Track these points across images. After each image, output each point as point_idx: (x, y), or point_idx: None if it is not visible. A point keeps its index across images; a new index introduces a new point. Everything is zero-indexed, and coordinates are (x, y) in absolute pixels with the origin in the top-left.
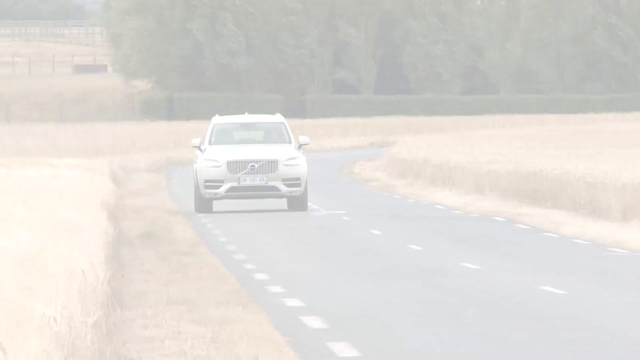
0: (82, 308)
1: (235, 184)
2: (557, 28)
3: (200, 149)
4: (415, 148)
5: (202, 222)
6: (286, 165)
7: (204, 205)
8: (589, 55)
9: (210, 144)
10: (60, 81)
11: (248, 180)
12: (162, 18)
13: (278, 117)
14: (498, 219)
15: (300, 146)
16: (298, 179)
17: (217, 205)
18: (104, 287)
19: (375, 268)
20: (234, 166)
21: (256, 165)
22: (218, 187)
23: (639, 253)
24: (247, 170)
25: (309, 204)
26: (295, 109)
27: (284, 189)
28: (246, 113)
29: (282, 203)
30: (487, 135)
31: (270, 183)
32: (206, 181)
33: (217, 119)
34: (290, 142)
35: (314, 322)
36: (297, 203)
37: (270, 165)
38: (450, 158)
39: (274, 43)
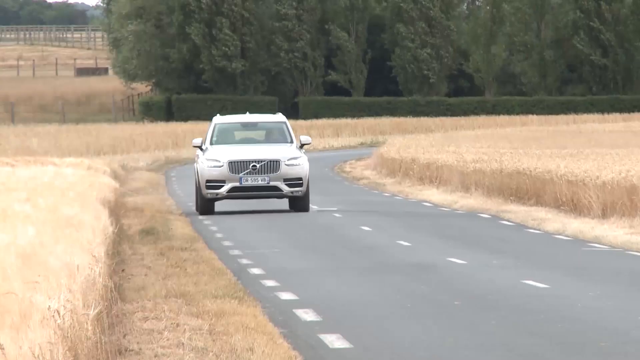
0: (84, 301)
1: (236, 184)
2: (539, 33)
3: (201, 149)
4: (404, 148)
5: (200, 219)
6: (288, 165)
7: (205, 206)
8: (571, 59)
9: (211, 143)
10: (63, 83)
11: (250, 181)
12: (161, 23)
13: (279, 117)
14: (483, 215)
15: (301, 146)
16: (300, 179)
17: (218, 206)
18: (105, 281)
19: (366, 263)
20: (236, 166)
21: (258, 165)
22: (220, 187)
23: (618, 248)
24: (248, 170)
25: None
26: (289, 110)
27: (285, 189)
28: (247, 112)
29: (284, 204)
30: (473, 136)
31: (272, 183)
32: (208, 181)
33: (218, 119)
34: (292, 141)
35: (307, 315)
36: (299, 203)
37: (272, 165)
38: (437, 157)
39: (268, 47)
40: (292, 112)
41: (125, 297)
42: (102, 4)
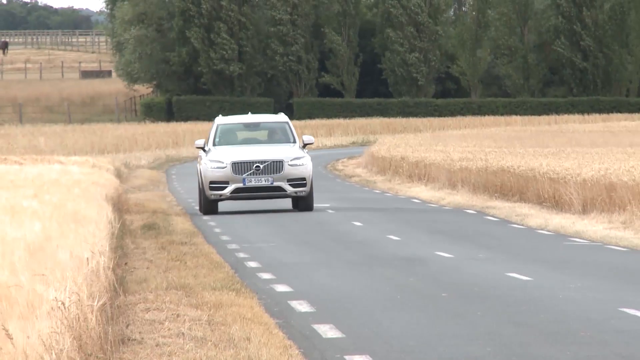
0: (89, 293)
1: (240, 184)
2: (523, 37)
3: (204, 150)
4: (394, 146)
5: (199, 215)
6: (291, 165)
7: (209, 206)
8: (552, 62)
9: (214, 144)
10: (69, 85)
11: (253, 181)
12: (162, 28)
13: (282, 117)
14: (469, 211)
15: (304, 146)
16: (303, 178)
17: (221, 206)
18: (109, 274)
19: (357, 257)
20: (239, 167)
21: (261, 166)
22: (223, 188)
23: (598, 242)
24: (252, 171)
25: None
26: (284, 111)
27: (289, 189)
28: (249, 113)
29: (287, 203)
30: (459, 135)
31: (276, 183)
32: (211, 182)
33: (220, 119)
34: (294, 141)
35: (301, 306)
36: (303, 203)
37: (276, 166)
38: (426, 156)
39: (264, 51)
40: (287, 113)
41: (128, 289)
42: (105, 10)
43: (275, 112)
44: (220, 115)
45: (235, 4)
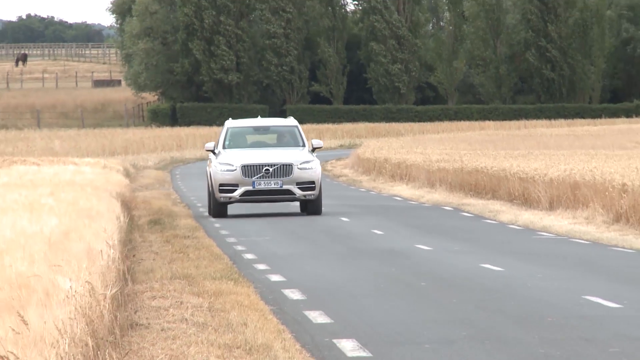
0: (102, 282)
1: (249, 187)
2: (495, 49)
3: (214, 153)
4: (378, 149)
5: (200, 211)
6: (301, 169)
7: (218, 209)
8: (522, 72)
9: (224, 147)
10: (82, 93)
11: (263, 184)
12: (167, 41)
13: (291, 121)
14: (446, 208)
15: (313, 149)
16: (312, 182)
17: (230, 209)
18: (119, 265)
19: (345, 249)
20: (249, 170)
21: (271, 169)
22: (233, 191)
23: (563, 236)
24: (261, 174)
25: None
26: (278, 117)
27: (298, 192)
28: (259, 116)
29: (295, 207)
30: (437, 139)
31: (285, 187)
32: (221, 185)
33: (230, 123)
34: (304, 145)
35: (294, 294)
36: (312, 207)
37: (285, 169)
38: (407, 157)
39: (259, 61)
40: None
41: (136, 278)
42: (116, 25)
43: (270, 117)
44: (230, 119)
45: (233, 19)
